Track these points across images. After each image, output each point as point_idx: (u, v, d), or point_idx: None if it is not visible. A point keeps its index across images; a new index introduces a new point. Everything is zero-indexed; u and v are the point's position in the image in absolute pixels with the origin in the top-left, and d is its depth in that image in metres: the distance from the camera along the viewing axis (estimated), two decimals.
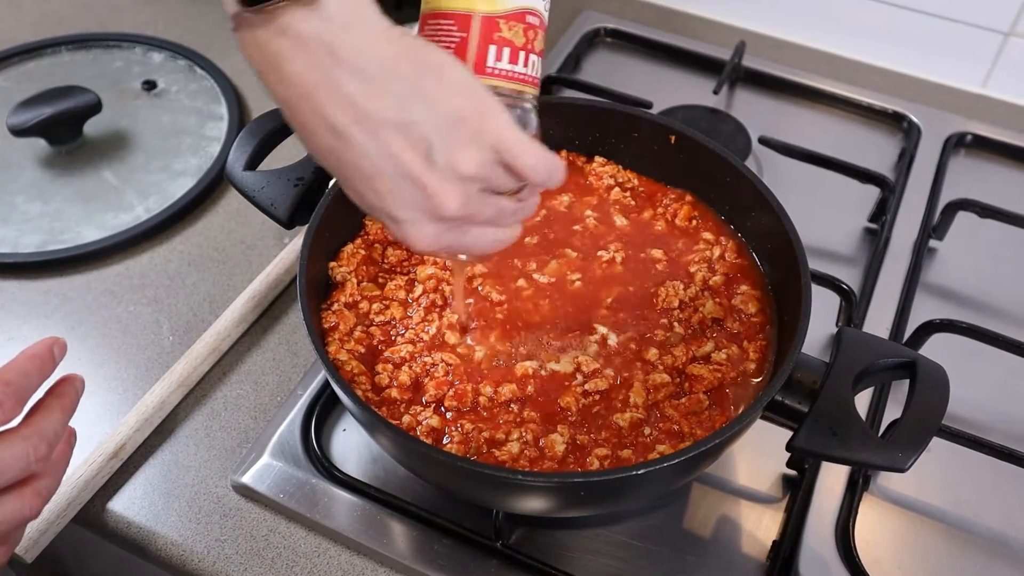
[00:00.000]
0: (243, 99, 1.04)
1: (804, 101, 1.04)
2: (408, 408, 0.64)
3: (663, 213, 0.77)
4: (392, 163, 0.49)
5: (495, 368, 0.66)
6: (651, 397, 0.65)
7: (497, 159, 0.50)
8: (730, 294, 0.71)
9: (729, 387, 0.66)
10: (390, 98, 0.48)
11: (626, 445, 0.62)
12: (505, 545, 0.68)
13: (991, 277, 0.88)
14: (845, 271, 0.86)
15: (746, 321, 0.70)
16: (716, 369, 0.66)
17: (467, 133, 0.49)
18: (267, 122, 0.76)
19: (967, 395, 0.77)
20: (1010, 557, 0.70)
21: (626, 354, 0.67)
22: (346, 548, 0.70)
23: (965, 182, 0.96)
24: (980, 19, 1.02)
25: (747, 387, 0.66)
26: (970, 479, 0.74)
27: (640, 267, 0.73)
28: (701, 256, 0.73)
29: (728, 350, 0.68)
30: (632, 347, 0.68)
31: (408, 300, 0.71)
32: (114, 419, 0.77)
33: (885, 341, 0.65)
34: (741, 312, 0.70)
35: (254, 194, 0.73)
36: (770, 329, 0.69)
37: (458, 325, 0.68)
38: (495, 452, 0.61)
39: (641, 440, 0.63)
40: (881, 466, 0.57)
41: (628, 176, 0.79)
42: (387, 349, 0.68)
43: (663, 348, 0.67)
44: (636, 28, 1.10)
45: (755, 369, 0.67)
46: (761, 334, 0.69)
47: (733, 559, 0.69)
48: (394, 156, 0.49)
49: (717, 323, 0.70)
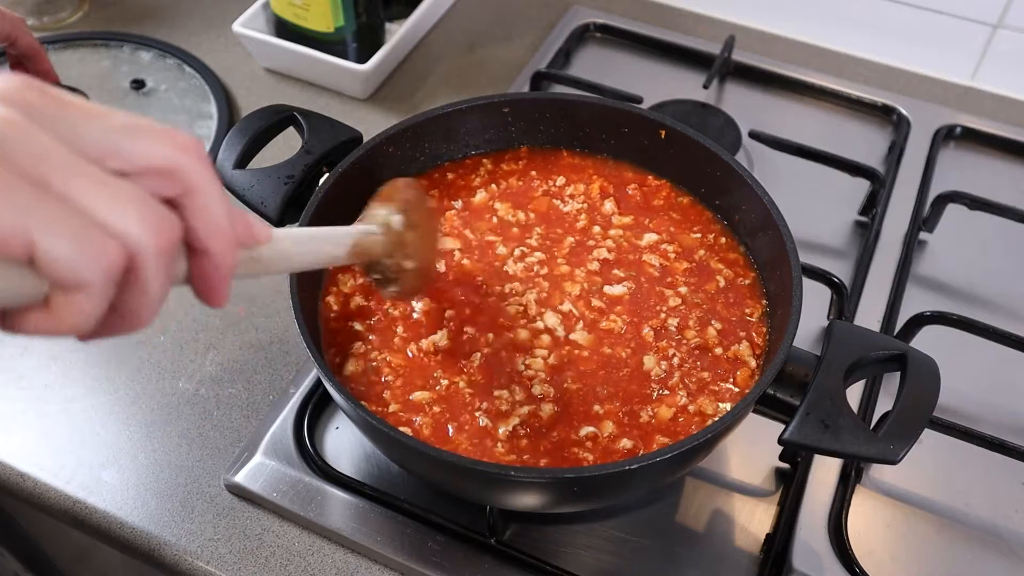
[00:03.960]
0: (232, 97, 1.04)
1: (794, 95, 1.05)
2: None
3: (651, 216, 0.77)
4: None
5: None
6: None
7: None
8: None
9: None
10: None
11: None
12: (499, 541, 0.68)
13: (981, 269, 0.88)
14: (836, 264, 0.86)
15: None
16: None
17: None
18: (256, 120, 0.75)
19: (958, 387, 0.77)
20: (1001, 547, 0.70)
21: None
22: (340, 546, 0.70)
23: (954, 174, 0.96)
24: (968, 11, 1.02)
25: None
26: (961, 470, 0.74)
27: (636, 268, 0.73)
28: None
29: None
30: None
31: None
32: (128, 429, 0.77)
33: (876, 334, 0.65)
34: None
35: (244, 192, 0.72)
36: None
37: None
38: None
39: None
40: (873, 458, 0.57)
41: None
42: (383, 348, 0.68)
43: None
44: (625, 23, 1.10)
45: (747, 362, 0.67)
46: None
47: (726, 552, 0.69)
48: None
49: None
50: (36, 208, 0.32)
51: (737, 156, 0.94)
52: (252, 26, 1.04)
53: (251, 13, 1.04)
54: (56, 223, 0.32)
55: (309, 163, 0.73)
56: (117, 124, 0.36)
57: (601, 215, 0.76)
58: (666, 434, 0.63)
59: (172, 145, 0.37)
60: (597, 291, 0.71)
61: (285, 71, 1.06)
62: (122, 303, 0.36)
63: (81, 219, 0.33)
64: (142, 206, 0.35)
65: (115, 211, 0.34)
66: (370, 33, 1.03)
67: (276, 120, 0.76)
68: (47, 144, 0.33)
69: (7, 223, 0.31)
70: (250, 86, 1.05)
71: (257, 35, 1.03)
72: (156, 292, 0.36)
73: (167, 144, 0.37)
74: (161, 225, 0.35)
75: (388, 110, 1.03)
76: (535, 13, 1.14)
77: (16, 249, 0.32)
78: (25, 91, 0.34)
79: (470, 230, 0.75)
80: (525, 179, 0.79)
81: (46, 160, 0.33)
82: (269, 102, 0.80)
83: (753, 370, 0.67)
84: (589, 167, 0.80)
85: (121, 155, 0.35)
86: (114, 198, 0.34)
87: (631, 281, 0.71)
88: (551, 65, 1.04)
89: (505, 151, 0.81)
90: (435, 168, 0.79)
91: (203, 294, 0.40)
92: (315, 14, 0.99)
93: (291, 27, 1.03)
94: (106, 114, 0.36)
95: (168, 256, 0.36)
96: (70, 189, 0.33)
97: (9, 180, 0.32)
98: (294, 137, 0.75)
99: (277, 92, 1.05)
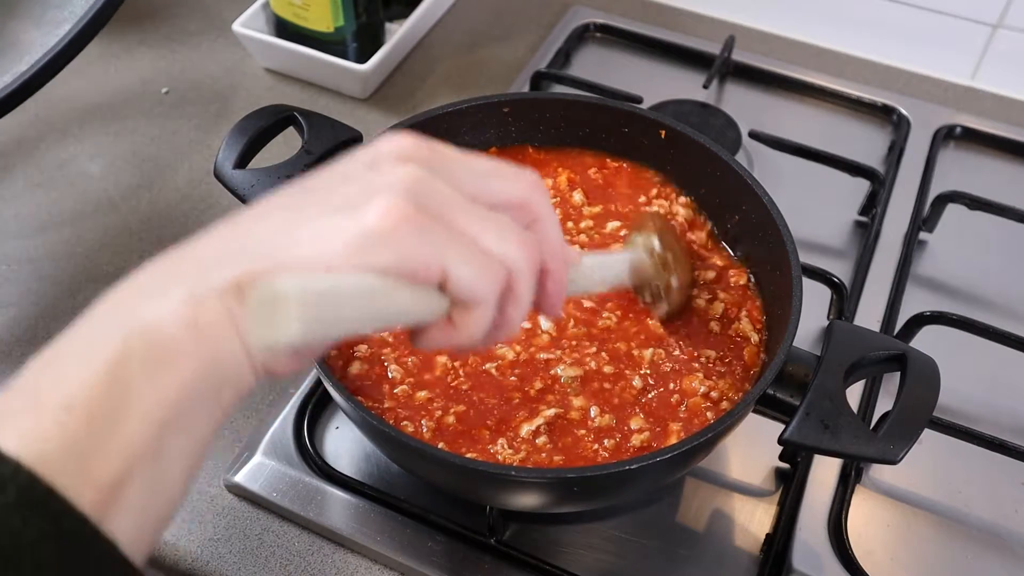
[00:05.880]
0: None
1: (794, 95, 1.04)
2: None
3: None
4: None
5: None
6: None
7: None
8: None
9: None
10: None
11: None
12: (499, 541, 0.68)
13: (981, 269, 0.88)
14: (836, 264, 0.86)
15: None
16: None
17: None
18: (256, 120, 0.75)
19: (958, 386, 0.77)
20: (1001, 547, 0.70)
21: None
22: (340, 546, 0.70)
23: (954, 174, 0.96)
24: (968, 11, 1.02)
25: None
26: (961, 470, 0.74)
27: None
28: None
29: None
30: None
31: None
32: None
33: (876, 334, 0.65)
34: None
35: (244, 192, 0.72)
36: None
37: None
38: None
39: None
40: (873, 458, 0.57)
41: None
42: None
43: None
44: (626, 23, 1.10)
45: (748, 362, 0.67)
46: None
47: (726, 552, 0.69)
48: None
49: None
50: (448, 243, 0.40)
51: (737, 156, 0.94)
52: (252, 26, 1.04)
53: (251, 13, 1.04)
54: (462, 254, 0.41)
55: (309, 163, 0.73)
56: (482, 169, 0.44)
57: (572, 207, 0.76)
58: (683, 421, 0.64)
59: (523, 182, 0.45)
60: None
61: (285, 71, 1.06)
62: (502, 314, 0.44)
63: (478, 249, 0.41)
64: (517, 234, 0.43)
65: (500, 240, 0.42)
66: (370, 33, 1.03)
67: (276, 120, 0.75)
68: (446, 192, 0.41)
69: (431, 256, 0.40)
70: (250, 86, 1.05)
71: (257, 35, 1.03)
72: (527, 303, 0.45)
73: (519, 182, 0.45)
74: (531, 249, 0.43)
75: (388, 110, 1.03)
76: (535, 13, 1.14)
77: (435, 276, 0.40)
78: (420, 149, 0.43)
79: None
80: None
81: (447, 204, 0.41)
82: (269, 102, 0.80)
83: (757, 345, 0.68)
84: (553, 160, 0.80)
85: (490, 194, 0.44)
86: (498, 230, 0.42)
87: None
88: (551, 65, 1.04)
89: (505, 148, 0.81)
90: None
91: (545, 307, 0.47)
92: (315, 14, 0.99)
93: (291, 27, 1.03)
94: (471, 160, 0.44)
95: (536, 273, 0.44)
96: (467, 226, 0.41)
97: (428, 223, 0.40)
98: (294, 137, 0.75)
99: (277, 92, 1.05)
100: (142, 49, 1.10)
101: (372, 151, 0.43)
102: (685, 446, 0.57)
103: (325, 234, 0.39)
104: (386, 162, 0.42)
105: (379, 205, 0.39)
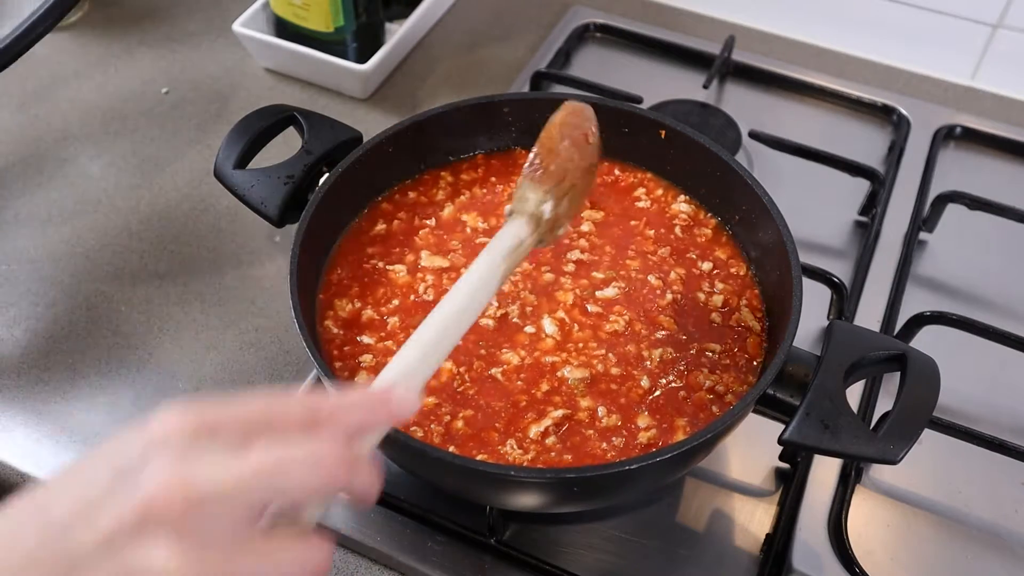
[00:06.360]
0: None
1: (794, 95, 1.05)
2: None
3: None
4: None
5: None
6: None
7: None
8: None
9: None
10: None
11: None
12: (499, 541, 0.68)
13: (981, 269, 0.88)
14: (836, 264, 0.86)
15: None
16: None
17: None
18: (256, 120, 0.75)
19: (958, 387, 0.77)
20: (1001, 547, 0.70)
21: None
22: (340, 546, 0.70)
23: (954, 174, 0.96)
24: (968, 11, 1.02)
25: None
26: (961, 470, 0.74)
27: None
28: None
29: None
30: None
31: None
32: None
33: (876, 334, 0.65)
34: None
35: (244, 192, 0.72)
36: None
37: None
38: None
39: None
40: (873, 458, 0.57)
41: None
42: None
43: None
44: (626, 23, 1.10)
45: (751, 353, 0.67)
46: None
47: (726, 552, 0.69)
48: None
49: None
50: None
51: (737, 156, 0.94)
52: (252, 26, 1.04)
53: (251, 13, 1.04)
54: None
55: (309, 163, 0.73)
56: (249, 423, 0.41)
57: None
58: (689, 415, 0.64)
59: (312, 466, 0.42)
60: (590, 296, 0.71)
61: (285, 71, 1.06)
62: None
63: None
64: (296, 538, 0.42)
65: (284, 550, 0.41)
66: (370, 33, 1.03)
67: (276, 120, 0.76)
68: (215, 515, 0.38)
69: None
70: (250, 86, 1.05)
71: (257, 35, 1.03)
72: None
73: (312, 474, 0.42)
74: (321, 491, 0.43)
75: (388, 110, 1.03)
76: (535, 13, 1.14)
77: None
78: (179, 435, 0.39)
79: (446, 246, 0.74)
80: (487, 186, 0.79)
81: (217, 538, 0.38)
82: (269, 102, 0.80)
83: (759, 334, 0.68)
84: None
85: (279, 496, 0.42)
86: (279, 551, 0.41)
87: (622, 280, 0.72)
88: (551, 65, 1.04)
89: (506, 150, 0.81)
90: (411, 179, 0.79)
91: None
92: (315, 14, 0.99)
93: (291, 27, 1.03)
94: (239, 414, 0.41)
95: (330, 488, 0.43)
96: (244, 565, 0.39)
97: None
98: (294, 137, 0.75)
99: (277, 92, 1.05)
100: (142, 49, 1.10)
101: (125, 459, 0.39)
102: (684, 446, 0.57)
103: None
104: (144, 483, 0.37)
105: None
